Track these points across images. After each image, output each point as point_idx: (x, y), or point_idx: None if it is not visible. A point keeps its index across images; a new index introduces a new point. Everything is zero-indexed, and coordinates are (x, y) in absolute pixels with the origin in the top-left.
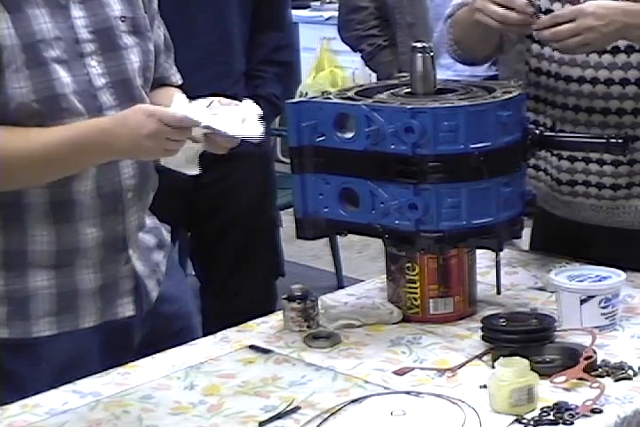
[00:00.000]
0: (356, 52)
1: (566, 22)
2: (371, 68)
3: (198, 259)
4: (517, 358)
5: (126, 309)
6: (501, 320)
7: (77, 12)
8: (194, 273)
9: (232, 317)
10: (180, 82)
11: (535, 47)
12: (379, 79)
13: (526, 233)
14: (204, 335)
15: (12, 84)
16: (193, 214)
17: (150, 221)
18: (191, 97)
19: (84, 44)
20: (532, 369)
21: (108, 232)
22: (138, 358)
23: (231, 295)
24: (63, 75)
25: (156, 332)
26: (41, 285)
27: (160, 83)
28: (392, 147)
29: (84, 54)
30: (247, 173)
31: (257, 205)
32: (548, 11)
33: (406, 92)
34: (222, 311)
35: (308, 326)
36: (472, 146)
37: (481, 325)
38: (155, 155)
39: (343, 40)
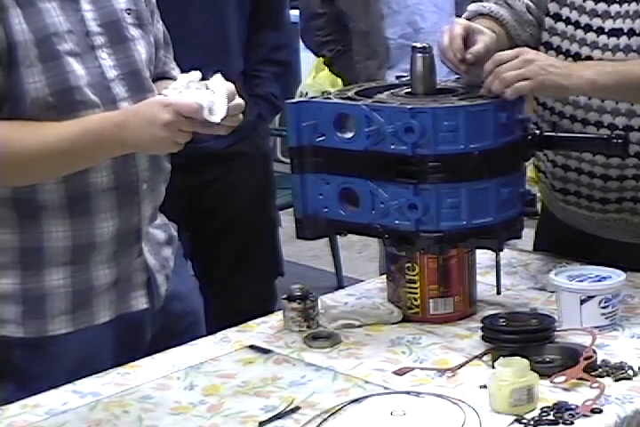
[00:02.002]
0: (318, 57)
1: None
2: (335, 74)
3: (198, 259)
4: (517, 358)
5: (140, 302)
6: (501, 320)
7: (86, 5)
8: (193, 273)
9: (232, 317)
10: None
11: (541, 50)
12: (345, 84)
13: (527, 233)
14: (204, 335)
15: (27, 79)
16: (193, 214)
17: (160, 218)
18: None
19: (95, 37)
20: (532, 369)
21: (123, 224)
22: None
23: (231, 295)
24: (77, 67)
25: (166, 329)
26: (57, 284)
27: (160, 77)
28: (392, 147)
29: (95, 47)
30: (247, 173)
31: (257, 204)
32: (556, 14)
33: (406, 92)
34: (222, 311)
35: (308, 326)
36: (472, 146)
37: (481, 325)
38: (165, 147)
39: (306, 46)
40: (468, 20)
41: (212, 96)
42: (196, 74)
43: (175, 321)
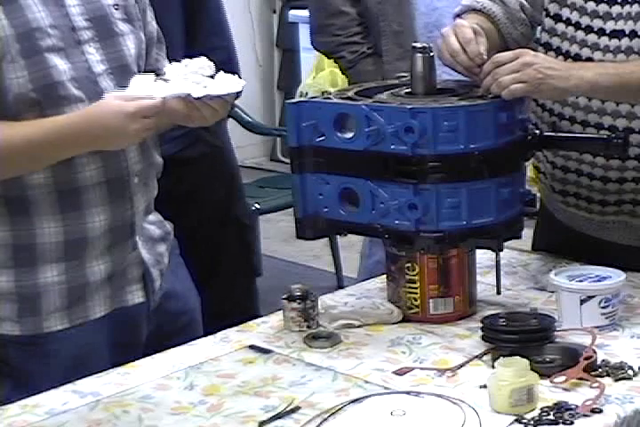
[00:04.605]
0: (330, 58)
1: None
2: (347, 76)
3: None
4: (517, 358)
5: (135, 296)
6: (501, 320)
7: (71, 1)
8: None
9: (216, 320)
10: None
11: (540, 51)
12: None
13: (526, 233)
14: (201, 335)
15: (8, 74)
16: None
17: (155, 214)
18: None
19: (81, 32)
20: (532, 369)
21: (116, 218)
22: (145, 356)
23: (210, 299)
24: (59, 62)
25: (162, 328)
26: (51, 281)
27: None
28: (392, 147)
29: (82, 42)
30: (207, 174)
31: (222, 205)
32: (556, 15)
33: (406, 92)
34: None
35: (308, 326)
36: (472, 146)
37: (481, 325)
38: (138, 137)
39: (316, 45)
40: (460, 14)
41: (207, 83)
42: (206, 61)
43: (171, 320)
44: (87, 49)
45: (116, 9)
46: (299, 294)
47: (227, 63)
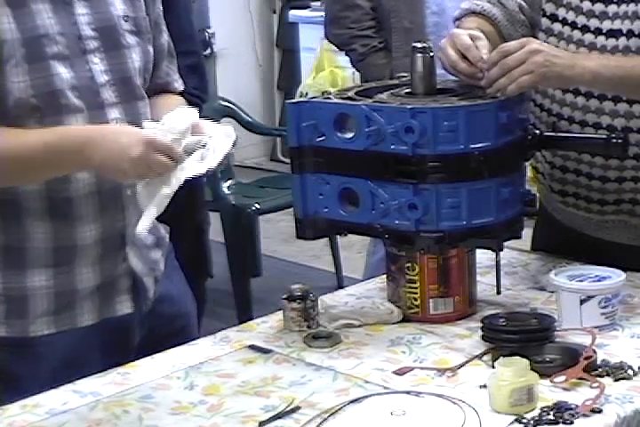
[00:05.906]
0: (341, 50)
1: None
2: (357, 69)
3: None
4: (517, 357)
5: (124, 306)
6: (501, 320)
7: (81, 9)
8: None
9: None
10: (181, 88)
11: None
12: (365, 81)
13: (526, 233)
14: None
15: (11, 78)
16: None
17: None
18: None
19: (87, 41)
20: (532, 369)
21: (107, 229)
22: (138, 359)
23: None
24: (62, 70)
25: (155, 332)
26: (39, 285)
27: (161, 88)
28: (392, 147)
29: (87, 51)
30: None
31: (180, 218)
32: (553, 15)
33: (406, 92)
34: None
35: (308, 326)
36: (472, 146)
37: (481, 325)
38: (125, 176)
39: (329, 36)
40: (460, 17)
41: (205, 148)
42: (194, 113)
43: (165, 324)
44: (92, 59)
45: (126, 21)
46: (299, 294)
47: (195, 66)
